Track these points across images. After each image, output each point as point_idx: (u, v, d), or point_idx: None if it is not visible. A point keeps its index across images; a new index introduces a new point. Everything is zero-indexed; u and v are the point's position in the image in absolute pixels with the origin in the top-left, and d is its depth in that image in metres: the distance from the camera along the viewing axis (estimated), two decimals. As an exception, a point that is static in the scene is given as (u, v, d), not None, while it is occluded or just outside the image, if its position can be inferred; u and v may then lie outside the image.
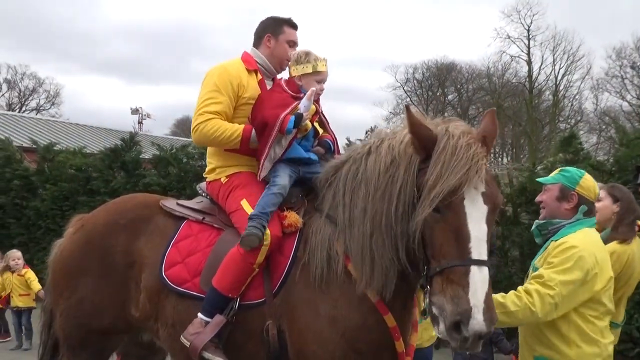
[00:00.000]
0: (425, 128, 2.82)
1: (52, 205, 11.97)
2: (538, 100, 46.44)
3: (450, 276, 2.61)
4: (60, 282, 3.82)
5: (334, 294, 3.11)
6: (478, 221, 2.66)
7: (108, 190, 11.42)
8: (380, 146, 3.08)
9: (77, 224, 3.94)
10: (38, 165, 12.63)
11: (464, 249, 2.62)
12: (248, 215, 3.28)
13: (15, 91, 50.49)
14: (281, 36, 3.75)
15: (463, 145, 2.71)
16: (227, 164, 3.65)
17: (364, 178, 3.07)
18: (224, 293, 3.25)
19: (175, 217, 3.69)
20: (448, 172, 2.64)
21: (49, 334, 4.07)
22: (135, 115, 43.83)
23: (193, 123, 3.57)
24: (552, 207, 3.38)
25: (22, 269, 8.97)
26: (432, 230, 2.69)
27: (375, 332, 3.06)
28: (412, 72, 50.93)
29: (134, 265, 3.60)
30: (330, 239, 3.18)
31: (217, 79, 3.58)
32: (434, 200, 2.63)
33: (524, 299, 3.03)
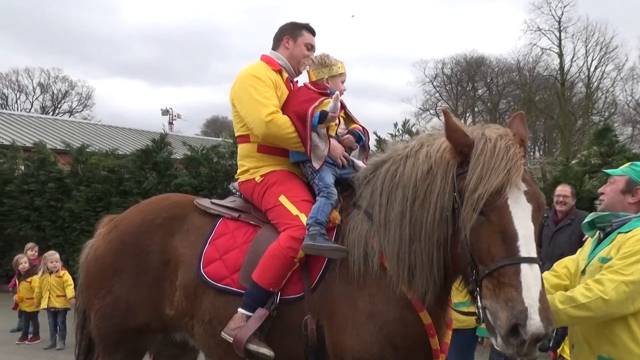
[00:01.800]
0: (462, 132, 2.82)
1: (86, 206, 12.16)
2: (570, 93, 45.76)
3: (501, 278, 2.57)
4: (95, 282, 3.85)
5: (371, 289, 3.13)
6: (524, 219, 2.63)
7: (140, 191, 11.56)
8: (419, 151, 3.07)
9: (110, 224, 3.97)
10: (72, 168, 12.83)
11: (512, 248, 2.59)
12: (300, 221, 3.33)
13: (49, 94, 51.48)
14: (300, 39, 3.84)
15: (502, 147, 2.71)
16: (260, 164, 3.68)
17: (402, 182, 3.07)
18: (265, 287, 3.28)
19: (210, 215, 3.72)
20: (489, 173, 2.63)
21: (82, 334, 4.11)
22: (166, 116, 44.45)
23: (262, 113, 3.48)
24: (613, 199, 3.23)
25: (60, 271, 9.11)
26: (478, 234, 2.67)
27: (411, 327, 3.07)
28: (441, 67, 50.59)
29: (169, 263, 3.63)
30: (367, 235, 3.20)
31: (262, 77, 3.62)
32: (478, 202, 2.62)
33: (594, 289, 2.87)
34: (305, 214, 3.36)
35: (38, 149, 13.54)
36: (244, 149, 3.78)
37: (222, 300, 3.44)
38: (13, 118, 26.25)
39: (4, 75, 49.77)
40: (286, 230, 3.34)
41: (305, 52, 3.83)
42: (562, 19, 44.50)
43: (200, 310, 3.51)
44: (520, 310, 2.47)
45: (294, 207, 3.43)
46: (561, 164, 9.45)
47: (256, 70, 3.68)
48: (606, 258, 3.06)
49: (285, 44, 3.85)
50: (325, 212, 3.31)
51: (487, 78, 50.57)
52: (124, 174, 12.10)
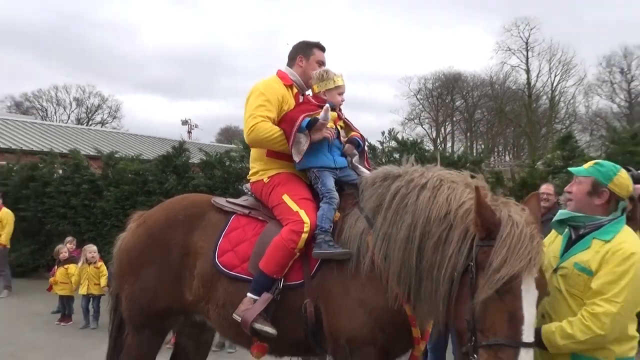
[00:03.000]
0: (491, 211, 2.68)
1: (115, 205, 12.13)
2: (536, 105, 45.95)
3: (499, 354, 2.49)
4: (125, 271, 3.86)
5: (362, 279, 3.12)
6: (531, 306, 2.55)
7: (162, 191, 11.53)
8: (439, 190, 2.97)
9: (139, 219, 3.97)
10: (102, 171, 12.82)
11: (516, 331, 2.50)
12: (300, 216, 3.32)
13: (83, 108, 51.55)
14: (312, 57, 3.81)
15: (527, 234, 2.59)
16: (268, 167, 3.68)
17: (413, 209, 2.99)
18: (270, 275, 3.29)
19: (225, 212, 3.72)
20: (513, 257, 2.51)
21: (115, 314, 4.12)
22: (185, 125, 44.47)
23: (247, 125, 3.56)
24: (581, 202, 2.90)
25: (98, 262, 9.10)
26: (486, 308, 2.55)
27: (396, 315, 3.05)
28: (424, 83, 50.88)
29: (189, 255, 3.63)
30: (362, 234, 3.18)
31: (265, 91, 3.62)
32: (498, 282, 2.50)
33: (592, 326, 2.63)
34: (304, 211, 3.35)
35: (73, 155, 13.52)
36: (255, 153, 3.80)
37: (234, 287, 3.45)
38: (52, 128, 26.24)
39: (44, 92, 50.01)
40: (288, 225, 3.34)
41: (317, 68, 3.77)
42: (529, 40, 44.94)
43: (215, 296, 3.52)
44: None
45: (295, 204, 3.42)
46: (528, 166, 9.45)
47: (265, 86, 3.67)
48: (585, 268, 2.76)
49: (299, 62, 3.81)
50: (328, 218, 3.29)
51: (463, 91, 50.72)
52: (148, 176, 12.07)
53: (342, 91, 3.70)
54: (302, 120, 3.44)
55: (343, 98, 3.72)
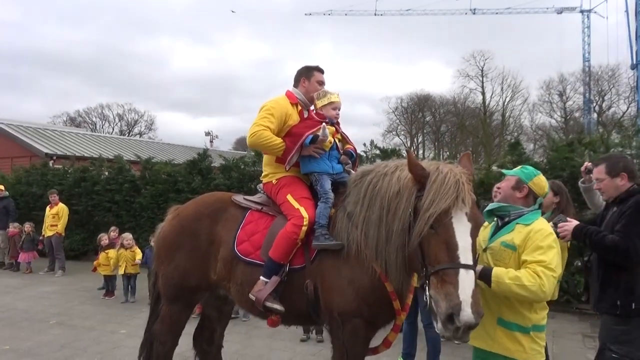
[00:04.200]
0: (420, 167, 2.71)
1: (151, 201, 12.06)
2: (490, 120, 46.25)
3: (443, 277, 2.43)
4: (162, 254, 3.83)
5: (351, 262, 3.08)
6: (465, 234, 2.50)
7: (189, 190, 11.45)
8: (394, 173, 3.00)
9: (174, 212, 3.94)
10: (141, 173, 12.74)
11: (453, 255, 2.46)
12: (300, 213, 3.29)
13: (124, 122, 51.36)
14: (312, 78, 3.74)
15: (451, 178, 2.58)
16: (277, 171, 3.64)
17: (380, 194, 3.00)
18: (277, 261, 3.25)
19: (242, 207, 3.68)
20: (439, 197, 2.52)
21: (154, 289, 4.08)
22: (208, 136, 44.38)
23: (250, 130, 3.51)
24: (506, 194, 3.02)
25: (133, 247, 9.03)
26: (429, 243, 2.54)
27: (378, 291, 3.01)
28: (400, 102, 51.05)
29: (214, 243, 3.60)
30: (349, 226, 3.14)
31: (272, 107, 3.57)
32: (429, 219, 2.51)
33: (537, 279, 2.62)
34: (304, 208, 3.32)
35: (117, 160, 13.45)
36: (267, 159, 3.75)
37: (249, 270, 3.41)
38: (100, 139, 26.13)
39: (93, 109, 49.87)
40: (291, 220, 3.31)
41: (317, 88, 3.70)
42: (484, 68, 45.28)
43: (235, 276, 3.49)
44: (456, 303, 2.34)
45: (297, 203, 3.38)
46: (484, 169, 9.44)
47: (273, 103, 3.62)
48: (510, 244, 2.82)
49: (302, 84, 3.74)
50: (325, 215, 3.26)
51: (432, 109, 50.87)
52: (178, 177, 11.99)
53: (337, 106, 3.60)
54: (307, 138, 3.42)
55: (337, 113, 3.61)
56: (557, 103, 44.62)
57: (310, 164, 3.49)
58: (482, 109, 45.71)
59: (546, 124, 44.71)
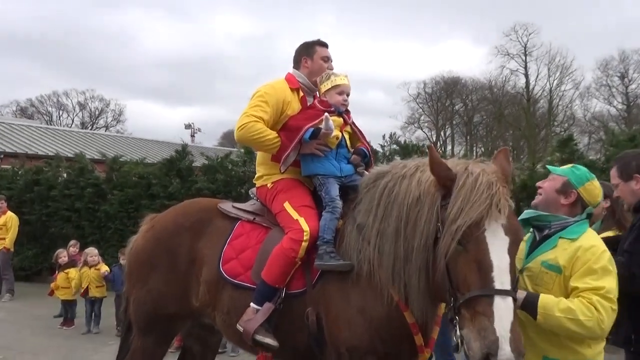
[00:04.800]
0: (445, 166, 2.66)
1: (119, 208, 12.12)
2: (534, 108, 46.04)
3: (475, 307, 2.38)
4: (134, 274, 3.84)
5: (362, 287, 3.05)
6: (500, 251, 2.43)
7: (166, 195, 11.51)
8: (414, 175, 2.94)
9: (149, 223, 3.94)
10: (107, 175, 12.80)
11: (486, 279, 2.40)
12: (300, 225, 3.26)
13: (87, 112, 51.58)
14: (315, 55, 3.72)
15: (483, 182, 2.53)
16: (272, 172, 3.63)
17: (397, 201, 2.95)
18: (271, 284, 3.23)
19: (230, 218, 3.68)
20: (469, 206, 2.46)
21: (125, 316, 4.09)
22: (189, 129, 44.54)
23: (239, 122, 3.51)
24: (548, 197, 2.91)
25: (99, 265, 9.05)
26: (456, 263, 2.48)
27: (396, 323, 2.98)
28: (423, 87, 50.77)
29: (195, 262, 3.60)
30: (360, 241, 3.11)
31: (266, 93, 3.56)
32: (457, 232, 2.45)
33: (594, 313, 2.54)
34: (304, 219, 3.30)
35: (78, 159, 13.53)
36: (260, 157, 3.75)
37: (238, 294, 3.40)
38: (57, 133, 26.28)
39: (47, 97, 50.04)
40: (288, 233, 3.28)
41: (323, 65, 3.68)
42: (527, 45, 44.96)
43: (220, 303, 3.48)
44: (492, 340, 2.28)
45: (295, 212, 3.36)
46: (527, 168, 9.41)
47: (267, 88, 3.62)
48: (553, 265, 2.74)
49: (304, 64, 3.73)
50: (331, 228, 3.22)
51: (462, 95, 50.65)
52: (152, 179, 12.05)
53: (344, 91, 3.55)
54: (306, 132, 3.39)
55: (345, 99, 3.56)
56: (618, 87, 44.34)
57: (313, 164, 3.48)
58: (524, 95, 45.56)
59: (604, 112, 44.46)
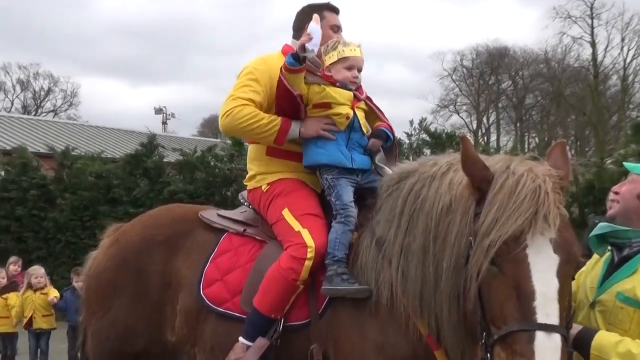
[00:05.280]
0: (481, 165, 2.63)
1: (71, 215, 12.21)
2: (604, 87, 45.76)
3: (513, 345, 2.35)
4: (93, 301, 3.87)
5: (382, 318, 3.07)
6: (545, 274, 2.40)
7: (130, 200, 11.60)
8: (445, 176, 2.94)
9: (113, 236, 3.96)
10: (56, 173, 12.88)
11: (527, 310, 2.37)
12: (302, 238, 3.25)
13: (30, 92, 51.57)
14: (322, 22, 3.67)
15: (527, 184, 2.49)
16: (268, 171, 3.65)
17: (424, 209, 2.97)
18: (266, 314, 3.24)
19: (215, 229, 3.69)
20: (505, 215, 2.43)
21: (82, 352, 4.10)
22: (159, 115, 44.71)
23: (223, 108, 3.54)
24: (628, 205, 2.84)
25: (46, 288, 9.09)
26: (490, 288, 2.46)
27: None
28: (460, 60, 50.51)
29: (171, 286, 3.62)
30: (378, 259, 3.13)
31: (256, 69, 3.60)
32: (490, 249, 2.41)
33: None
34: (308, 230, 3.29)
35: (19, 153, 13.62)
36: (252, 150, 3.77)
37: (224, 326, 3.41)
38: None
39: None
40: (287, 249, 3.28)
41: (332, 36, 3.67)
42: (594, 5, 44.45)
43: (202, 338, 3.49)
44: None
45: (297, 222, 3.35)
46: (595, 165, 9.42)
47: (257, 62, 3.66)
48: (630, 298, 2.69)
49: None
50: (343, 244, 3.21)
51: (511, 71, 50.50)
52: (113, 180, 12.13)
53: (352, 65, 3.53)
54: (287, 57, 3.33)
55: (355, 75, 3.54)
56: None
57: (315, 151, 3.47)
58: (591, 70, 45.42)
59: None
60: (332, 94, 3.47)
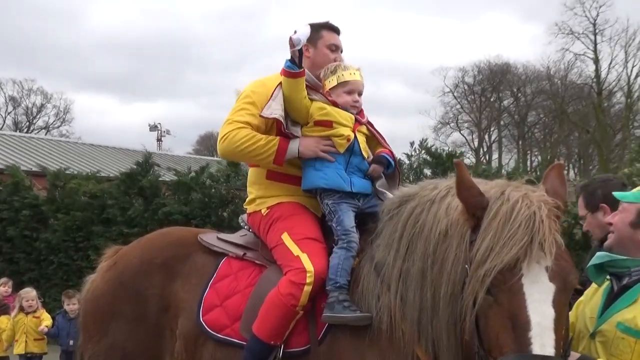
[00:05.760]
0: (476, 191, 2.66)
1: (64, 236, 12.17)
2: (608, 103, 45.87)
3: None
4: (90, 325, 3.87)
5: (381, 344, 3.08)
6: (541, 304, 2.42)
7: (125, 220, 11.57)
8: (444, 200, 2.98)
9: (111, 259, 3.98)
10: (48, 193, 12.87)
11: (522, 341, 2.38)
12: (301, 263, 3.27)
13: (21, 109, 51.51)
14: (319, 42, 3.77)
15: (522, 210, 2.52)
16: (268, 195, 3.67)
17: (423, 233, 3.00)
18: (265, 341, 3.25)
19: (214, 253, 3.71)
20: (500, 244, 2.45)
21: None
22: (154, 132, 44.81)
23: (221, 133, 3.58)
24: (622, 235, 2.86)
25: (38, 311, 9.04)
26: (486, 318, 2.49)
27: None
28: (462, 76, 50.74)
29: (169, 310, 3.64)
30: (379, 284, 3.15)
31: (253, 92, 3.63)
32: (484, 279, 2.43)
33: None
34: (307, 254, 3.31)
35: (11, 172, 13.61)
36: (252, 174, 3.80)
37: (223, 353, 3.42)
38: (-18, 137, 26.42)
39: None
40: (287, 274, 3.29)
41: (330, 55, 3.73)
42: (597, 21, 44.58)
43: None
44: None
45: (296, 246, 3.37)
46: (599, 185, 9.39)
47: (255, 85, 3.69)
48: (631, 328, 2.70)
49: (305, 53, 3.70)
50: (346, 270, 3.23)
51: (513, 87, 50.70)
52: (107, 200, 12.12)
53: (352, 89, 3.60)
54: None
55: (356, 99, 3.62)
56: None
57: (314, 174, 3.50)
58: (594, 87, 45.57)
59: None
60: (334, 113, 3.53)
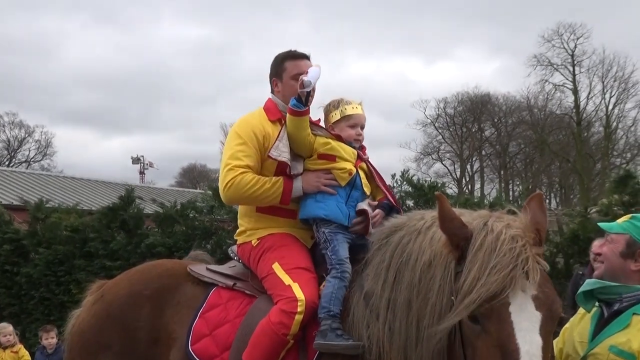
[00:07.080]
0: (459, 222, 2.72)
1: (45, 270, 12.06)
2: (587, 133, 46.26)
3: None
4: (77, 358, 3.86)
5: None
6: (529, 332, 2.46)
7: (107, 253, 11.49)
8: (429, 230, 3.03)
9: (97, 293, 3.98)
10: (29, 227, 12.77)
11: None
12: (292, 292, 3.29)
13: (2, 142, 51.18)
14: (284, 74, 3.82)
15: (506, 240, 2.57)
16: (258, 226, 3.72)
17: (409, 263, 3.03)
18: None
19: (204, 284, 3.73)
20: (486, 273, 2.50)
21: None
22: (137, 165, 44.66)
23: (223, 180, 3.59)
24: (613, 265, 2.91)
25: (16, 345, 8.95)
26: (475, 348, 2.53)
27: None
28: (443, 107, 51.01)
29: (160, 341, 3.64)
30: (368, 313, 3.17)
31: (240, 131, 3.67)
32: (469, 307, 2.48)
33: None
34: (298, 284, 3.33)
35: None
36: (243, 207, 3.83)
37: None
38: (-39, 170, 26.24)
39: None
40: (278, 303, 3.31)
41: (295, 86, 3.65)
42: (575, 52, 45.12)
43: None
44: None
45: (287, 276, 3.40)
46: (579, 214, 9.50)
47: (240, 124, 3.73)
48: (624, 351, 2.73)
49: (275, 88, 3.85)
50: (339, 299, 3.26)
51: (494, 118, 51.00)
52: (89, 233, 12.04)
53: (356, 123, 3.70)
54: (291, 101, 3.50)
55: (359, 132, 3.72)
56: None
57: (314, 204, 3.55)
58: (574, 117, 45.92)
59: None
60: (338, 148, 3.62)
